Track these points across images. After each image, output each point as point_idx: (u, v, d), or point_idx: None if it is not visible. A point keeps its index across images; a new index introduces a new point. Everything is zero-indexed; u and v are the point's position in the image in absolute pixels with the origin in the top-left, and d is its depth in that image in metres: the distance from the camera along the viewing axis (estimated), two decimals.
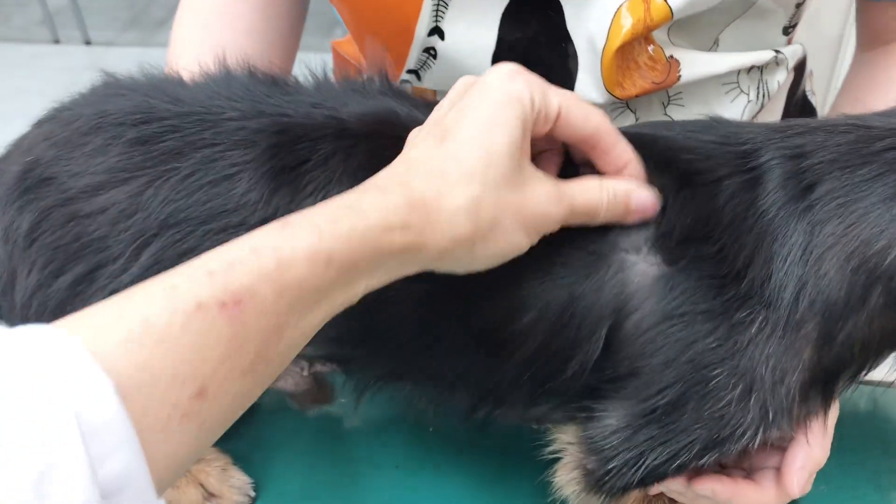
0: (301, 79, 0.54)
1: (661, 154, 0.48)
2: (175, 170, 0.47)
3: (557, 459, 0.54)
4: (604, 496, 0.52)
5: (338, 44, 0.81)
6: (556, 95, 0.44)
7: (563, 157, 0.49)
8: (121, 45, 3.09)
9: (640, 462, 0.50)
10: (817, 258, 0.45)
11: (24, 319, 0.50)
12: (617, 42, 0.58)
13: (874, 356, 0.49)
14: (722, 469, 0.54)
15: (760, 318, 0.45)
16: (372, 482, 0.64)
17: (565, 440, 0.53)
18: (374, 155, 0.46)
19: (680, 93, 0.65)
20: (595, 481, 0.52)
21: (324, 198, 0.44)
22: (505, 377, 0.50)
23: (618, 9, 0.58)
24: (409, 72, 0.64)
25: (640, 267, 0.46)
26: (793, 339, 0.46)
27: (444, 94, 0.59)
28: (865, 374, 0.50)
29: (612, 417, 0.49)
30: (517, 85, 0.43)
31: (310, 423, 0.69)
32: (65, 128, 0.51)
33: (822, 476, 0.53)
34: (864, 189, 0.44)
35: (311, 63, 0.54)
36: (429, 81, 0.65)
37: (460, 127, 0.42)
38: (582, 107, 0.45)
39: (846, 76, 0.75)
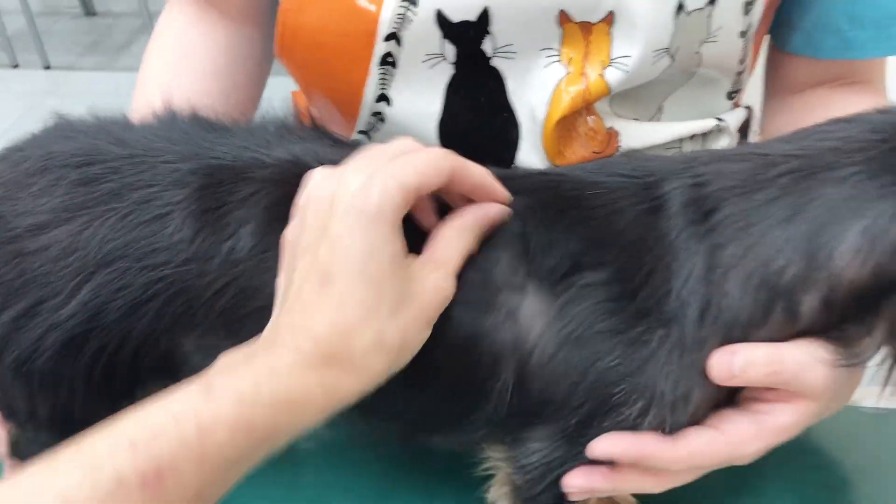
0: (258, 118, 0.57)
1: (566, 192, 0.51)
2: (114, 210, 0.49)
3: (491, 476, 0.57)
4: None
5: (297, 94, 0.83)
6: (412, 166, 0.45)
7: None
8: (81, 70, 3.08)
9: (556, 472, 0.52)
10: (720, 277, 0.47)
11: None
12: (557, 114, 0.61)
13: None
14: None
15: (659, 334, 0.48)
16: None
17: (496, 458, 0.56)
18: (288, 197, 0.49)
19: None
20: (523, 496, 0.55)
21: (239, 238, 0.48)
22: (431, 409, 0.53)
23: (558, 82, 0.61)
24: (360, 132, 0.67)
25: (529, 304, 0.48)
26: (697, 357, 0.48)
27: None
28: None
29: (534, 440, 0.52)
30: (371, 197, 0.43)
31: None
32: (13, 168, 0.53)
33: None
34: (761, 213, 0.47)
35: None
36: (379, 142, 0.67)
37: (337, 267, 0.43)
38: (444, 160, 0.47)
39: (762, 123, 0.78)
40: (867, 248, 0.45)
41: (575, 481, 0.51)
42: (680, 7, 0.59)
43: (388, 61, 0.62)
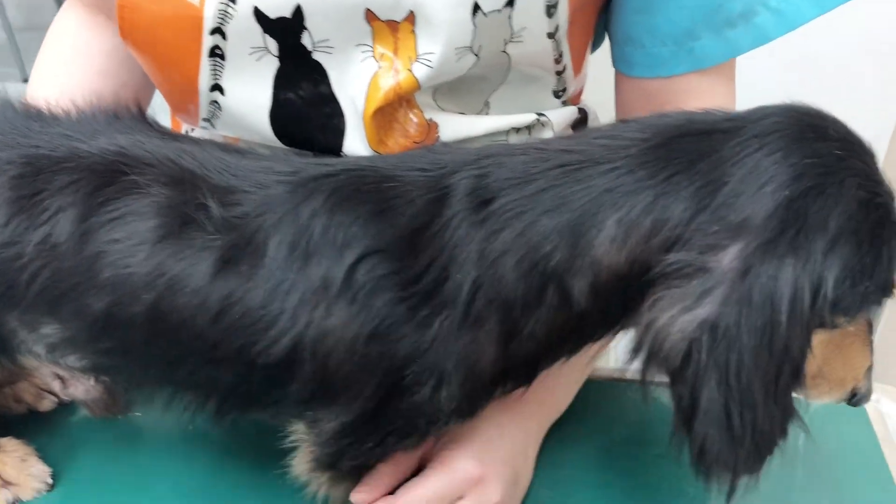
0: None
1: (369, 185, 0.55)
2: None
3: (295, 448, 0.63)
4: (328, 475, 0.61)
5: None
6: None
7: None
8: None
9: (356, 449, 0.58)
10: (493, 261, 0.52)
11: None
12: (373, 106, 0.66)
13: (562, 346, 0.58)
14: None
15: (441, 317, 0.52)
16: (159, 471, 0.72)
17: (300, 432, 0.62)
18: (102, 186, 0.54)
19: None
20: (321, 464, 0.61)
21: (57, 223, 0.53)
22: (246, 387, 0.58)
23: (373, 76, 0.66)
24: (204, 120, 0.73)
25: (324, 295, 0.53)
26: (475, 335, 0.53)
27: (244, 141, 0.68)
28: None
29: (332, 421, 0.57)
30: None
31: (112, 423, 0.76)
32: None
33: None
34: (532, 202, 0.52)
35: None
36: (222, 129, 0.73)
37: None
38: None
39: None
40: (622, 237, 0.50)
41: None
42: (476, 8, 0.62)
43: (216, 53, 0.66)
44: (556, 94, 0.75)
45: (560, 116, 0.75)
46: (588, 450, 0.73)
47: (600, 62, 0.81)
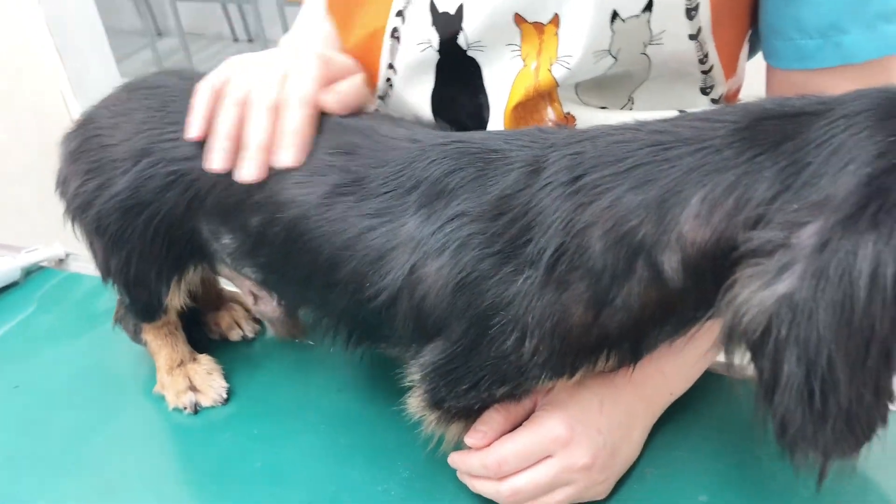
0: None
1: (474, 154, 0.61)
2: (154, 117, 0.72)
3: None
4: (437, 414, 0.67)
5: None
6: None
7: None
8: None
9: (454, 388, 0.63)
10: (578, 231, 0.55)
11: (71, 212, 0.75)
12: (515, 100, 0.72)
13: (662, 325, 0.58)
14: None
15: (525, 274, 0.56)
16: (314, 402, 0.82)
17: (413, 373, 0.67)
18: None
19: None
20: (429, 402, 0.66)
21: None
22: (347, 314, 0.66)
23: (516, 74, 0.72)
24: (379, 98, 0.82)
25: (419, 250, 0.59)
26: (560, 296, 0.56)
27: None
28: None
29: (428, 356, 0.63)
30: None
31: (285, 355, 0.88)
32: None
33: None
34: (622, 178, 0.54)
35: None
36: (392, 107, 0.82)
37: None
38: None
39: None
40: (705, 214, 0.51)
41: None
42: (615, 15, 0.67)
43: (395, 35, 0.76)
44: (704, 91, 0.75)
45: None
46: (700, 437, 0.72)
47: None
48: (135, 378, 0.87)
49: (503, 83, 0.73)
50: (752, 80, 0.82)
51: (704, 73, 0.73)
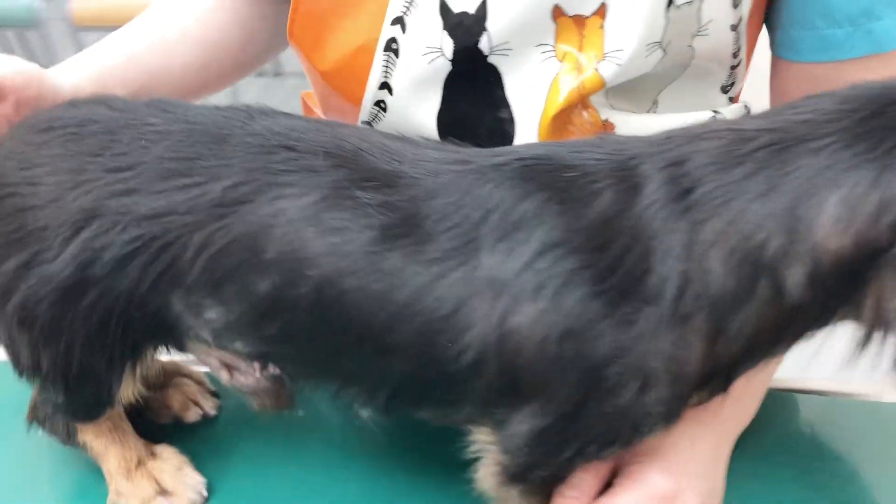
0: None
1: (548, 174, 0.51)
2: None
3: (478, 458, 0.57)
4: (519, 488, 0.55)
5: (308, 95, 0.85)
6: None
7: None
8: None
9: (551, 459, 0.53)
10: (700, 254, 0.47)
11: None
12: (553, 109, 0.62)
13: (770, 346, 0.51)
14: None
15: (644, 313, 0.47)
16: (320, 484, 0.67)
17: (484, 440, 0.56)
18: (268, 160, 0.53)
19: None
20: (511, 476, 0.55)
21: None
22: (401, 382, 0.53)
23: (554, 77, 0.62)
24: (364, 122, 0.68)
25: (511, 292, 0.48)
26: (682, 332, 0.48)
27: None
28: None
29: (524, 424, 0.51)
30: None
31: (263, 427, 0.72)
32: (22, 128, 0.59)
33: None
34: (739, 188, 0.47)
35: None
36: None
37: None
38: None
39: None
40: (847, 217, 0.44)
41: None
42: (670, 1, 0.59)
43: (392, 48, 0.63)
44: (724, 90, 0.71)
45: (732, 113, 0.70)
46: (773, 462, 0.66)
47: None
48: (71, 488, 0.68)
49: (534, 91, 0.63)
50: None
51: (733, 67, 0.68)
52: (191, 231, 0.51)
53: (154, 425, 0.72)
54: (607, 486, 0.58)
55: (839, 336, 0.51)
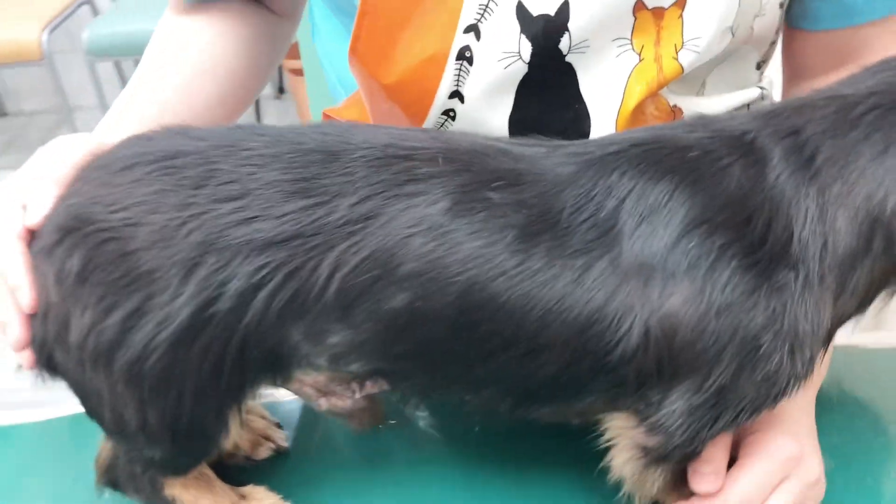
0: None
1: (671, 155, 0.51)
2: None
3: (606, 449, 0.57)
4: (665, 467, 0.56)
5: (333, 111, 0.83)
6: None
7: None
8: None
9: (703, 432, 0.53)
10: (832, 216, 0.49)
11: (80, 361, 0.52)
12: (633, 101, 0.63)
13: (869, 302, 0.54)
14: None
15: (792, 277, 0.49)
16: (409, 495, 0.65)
17: (619, 426, 0.56)
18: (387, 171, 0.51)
19: None
20: (659, 456, 0.55)
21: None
22: (545, 379, 0.53)
23: (631, 70, 0.63)
24: None
25: (662, 274, 0.49)
26: (822, 293, 0.50)
27: None
28: None
29: (675, 402, 0.52)
30: None
31: (338, 450, 0.70)
32: (99, 170, 0.55)
33: None
34: (857, 151, 0.49)
35: None
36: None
37: None
38: None
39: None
40: None
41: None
42: None
43: (465, 56, 0.62)
44: (758, 66, 0.74)
45: (769, 86, 0.74)
46: (843, 417, 0.69)
47: None
48: None
49: (613, 85, 0.64)
50: None
51: (773, 44, 0.72)
52: (322, 253, 0.49)
53: (229, 469, 0.68)
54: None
55: None
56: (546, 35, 0.61)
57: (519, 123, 0.65)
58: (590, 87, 0.64)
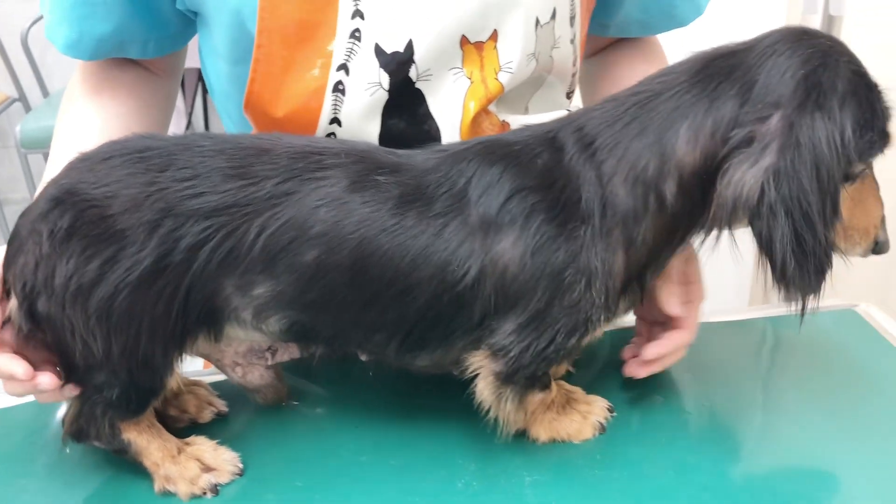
0: None
1: (503, 148, 0.72)
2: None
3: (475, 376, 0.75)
4: (512, 388, 0.73)
5: None
6: None
7: None
8: None
9: (530, 349, 0.71)
10: (607, 182, 0.68)
11: (61, 301, 0.68)
12: (469, 116, 0.82)
13: (665, 250, 0.73)
14: None
15: (583, 227, 0.68)
16: (343, 448, 0.81)
17: (478, 359, 0.74)
18: (301, 164, 0.71)
19: None
20: (504, 377, 0.73)
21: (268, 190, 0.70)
22: (418, 315, 0.71)
23: (465, 91, 0.82)
24: None
25: (502, 231, 0.68)
26: (608, 242, 0.69)
27: None
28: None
29: (507, 324, 0.71)
30: None
31: (275, 415, 0.86)
32: (82, 162, 0.72)
33: None
34: (622, 134, 0.69)
35: None
36: None
37: None
38: None
39: (582, 89, 1.06)
40: (693, 138, 0.67)
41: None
42: (537, 21, 0.82)
43: (339, 89, 0.81)
44: (568, 95, 0.95)
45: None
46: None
47: None
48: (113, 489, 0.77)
49: (452, 104, 0.82)
50: None
51: (573, 76, 0.92)
52: (252, 218, 0.67)
53: (179, 432, 0.82)
54: None
55: None
56: (398, 67, 0.79)
57: (387, 139, 0.82)
58: (437, 106, 0.82)
